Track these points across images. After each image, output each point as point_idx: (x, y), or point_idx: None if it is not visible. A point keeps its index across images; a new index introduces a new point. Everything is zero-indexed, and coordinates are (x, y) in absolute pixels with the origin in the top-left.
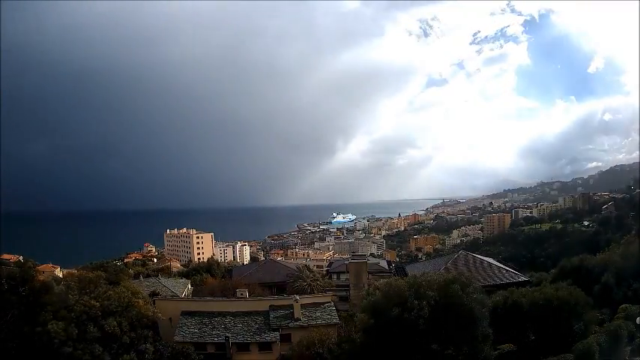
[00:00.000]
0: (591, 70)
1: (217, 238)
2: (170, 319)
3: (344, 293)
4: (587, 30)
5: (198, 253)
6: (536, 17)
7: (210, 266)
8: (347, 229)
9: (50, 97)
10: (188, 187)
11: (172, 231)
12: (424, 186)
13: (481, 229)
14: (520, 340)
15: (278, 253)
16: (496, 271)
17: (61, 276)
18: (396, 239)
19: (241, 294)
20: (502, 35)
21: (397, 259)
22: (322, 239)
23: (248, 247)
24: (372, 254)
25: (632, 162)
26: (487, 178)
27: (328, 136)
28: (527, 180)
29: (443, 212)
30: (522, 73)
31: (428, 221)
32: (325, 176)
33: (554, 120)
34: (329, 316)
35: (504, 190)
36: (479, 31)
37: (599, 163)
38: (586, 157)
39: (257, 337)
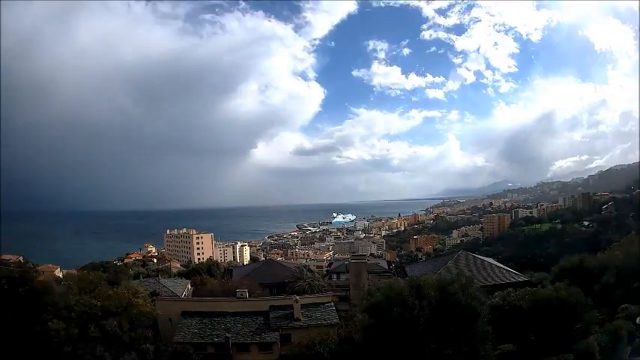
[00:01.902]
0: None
1: None
2: (170, 319)
3: (344, 293)
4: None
5: (198, 254)
6: None
7: (210, 266)
8: (347, 229)
9: None
10: None
11: (172, 231)
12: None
13: (481, 229)
14: (520, 340)
15: (278, 253)
16: (496, 271)
17: (61, 276)
18: (396, 239)
19: (241, 294)
20: None
21: (397, 259)
22: (322, 239)
23: (248, 247)
24: (372, 254)
25: (632, 162)
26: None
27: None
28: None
29: (443, 212)
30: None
31: (428, 221)
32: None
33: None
34: (329, 316)
35: (504, 190)
36: None
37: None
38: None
39: (257, 337)
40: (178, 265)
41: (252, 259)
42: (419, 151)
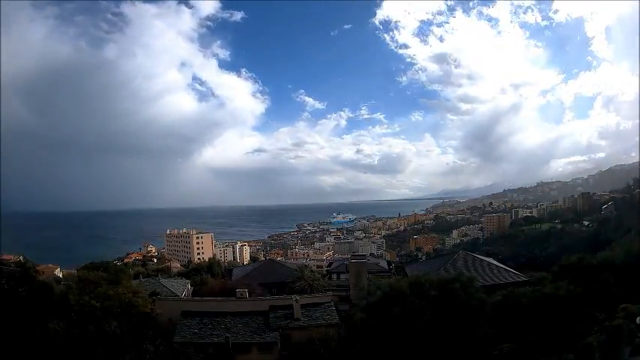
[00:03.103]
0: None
1: None
2: (170, 319)
3: (344, 293)
4: None
5: (198, 253)
6: None
7: (211, 266)
8: (347, 229)
9: None
10: None
11: (172, 231)
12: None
13: (481, 229)
14: (520, 340)
15: (278, 253)
16: (496, 271)
17: (61, 276)
18: (396, 239)
19: (241, 294)
20: None
21: (397, 259)
22: (322, 239)
23: (248, 247)
24: (372, 254)
25: (632, 162)
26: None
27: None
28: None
29: (443, 212)
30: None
31: (428, 221)
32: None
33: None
34: (329, 316)
35: (504, 190)
36: None
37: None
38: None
39: (257, 337)
40: (178, 265)
41: (252, 259)
42: (392, 149)
